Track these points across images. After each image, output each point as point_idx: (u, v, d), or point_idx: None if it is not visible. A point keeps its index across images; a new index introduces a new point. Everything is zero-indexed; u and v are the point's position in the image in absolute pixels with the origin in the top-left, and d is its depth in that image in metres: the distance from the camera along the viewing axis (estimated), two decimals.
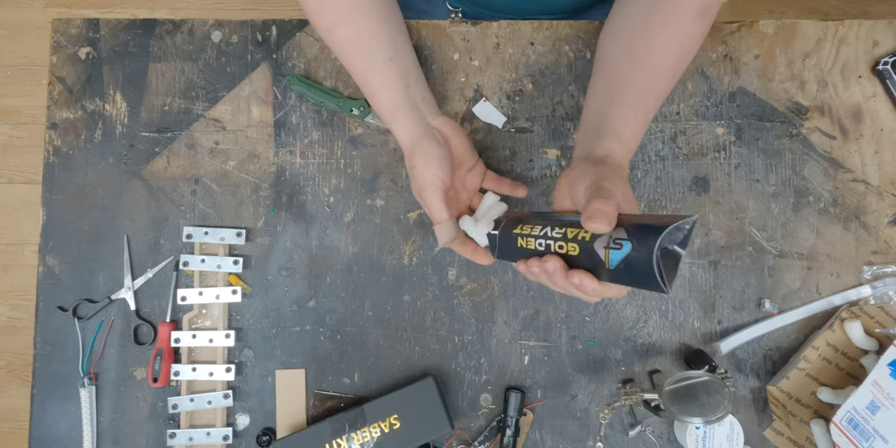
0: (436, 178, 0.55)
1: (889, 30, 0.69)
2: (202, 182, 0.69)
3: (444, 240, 0.56)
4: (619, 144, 0.52)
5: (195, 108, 0.70)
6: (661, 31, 0.54)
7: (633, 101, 0.55)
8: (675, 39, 0.55)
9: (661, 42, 0.54)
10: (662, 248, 0.39)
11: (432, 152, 0.56)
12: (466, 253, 0.59)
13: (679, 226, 0.39)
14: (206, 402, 0.67)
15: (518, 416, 0.65)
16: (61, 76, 0.70)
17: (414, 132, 0.58)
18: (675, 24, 0.54)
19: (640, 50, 0.55)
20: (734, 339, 0.66)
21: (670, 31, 0.54)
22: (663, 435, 0.67)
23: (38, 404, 0.68)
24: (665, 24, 0.54)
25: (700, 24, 0.54)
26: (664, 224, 0.39)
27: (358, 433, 0.63)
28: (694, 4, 0.53)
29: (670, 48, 0.55)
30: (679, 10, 0.54)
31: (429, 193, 0.56)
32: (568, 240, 0.45)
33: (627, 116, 0.54)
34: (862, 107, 0.68)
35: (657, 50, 0.55)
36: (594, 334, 0.68)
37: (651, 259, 0.38)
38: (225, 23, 0.70)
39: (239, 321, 0.69)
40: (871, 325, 0.64)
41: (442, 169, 0.56)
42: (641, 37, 0.55)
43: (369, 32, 0.58)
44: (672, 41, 0.54)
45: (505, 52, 0.70)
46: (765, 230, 0.68)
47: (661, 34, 0.54)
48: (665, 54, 0.55)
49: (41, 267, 0.69)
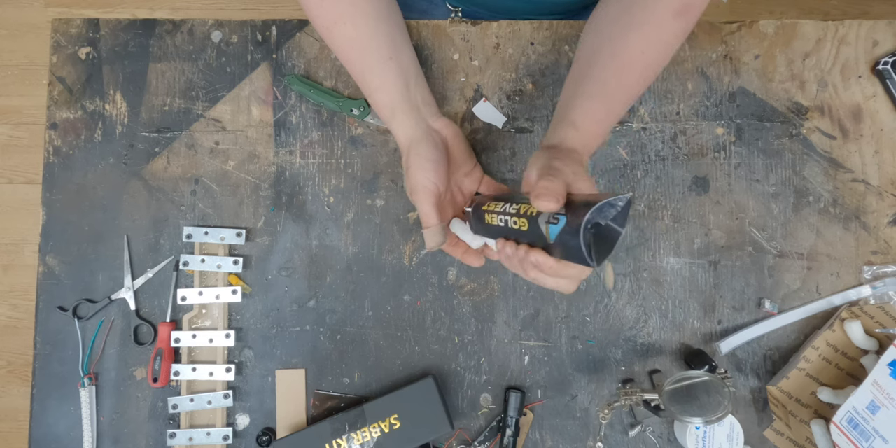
0: (428, 181, 0.55)
1: (889, 30, 0.69)
2: (202, 182, 0.69)
3: (430, 245, 0.56)
4: (575, 132, 0.54)
5: (195, 108, 0.70)
6: (638, 28, 0.55)
7: (598, 90, 0.55)
8: (652, 36, 0.55)
9: (636, 38, 0.55)
10: (594, 222, 0.41)
11: (428, 155, 0.56)
12: (457, 254, 0.59)
13: (612, 201, 0.41)
14: (206, 402, 0.67)
15: (518, 416, 0.65)
16: (61, 76, 0.70)
17: (412, 133, 0.58)
18: (653, 22, 0.55)
19: (616, 45, 0.56)
20: (734, 339, 0.66)
21: (647, 29, 0.55)
22: (663, 435, 0.67)
23: (38, 404, 0.68)
24: (643, 22, 0.55)
25: (678, 23, 0.55)
26: (597, 200, 0.40)
27: (358, 433, 0.63)
28: (672, 4, 0.54)
29: (646, 44, 0.55)
30: (657, 9, 0.54)
31: (420, 197, 0.56)
32: (520, 215, 0.47)
33: (588, 105, 0.55)
34: (862, 107, 0.68)
35: (631, 45, 0.55)
36: (594, 334, 0.68)
37: (579, 232, 0.40)
38: (225, 23, 0.70)
39: (239, 321, 0.68)
40: (871, 325, 0.64)
41: (436, 172, 0.56)
42: (618, 33, 0.56)
43: (369, 32, 0.58)
44: (648, 38, 0.55)
45: (505, 52, 0.70)
46: (765, 230, 0.68)
47: (637, 31, 0.55)
48: (639, 50, 0.55)
49: (41, 267, 0.69)
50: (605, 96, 0.55)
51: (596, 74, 0.56)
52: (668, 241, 0.68)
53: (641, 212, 0.68)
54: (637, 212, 0.68)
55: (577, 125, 0.54)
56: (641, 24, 0.55)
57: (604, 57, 0.56)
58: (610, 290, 0.68)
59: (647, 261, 0.68)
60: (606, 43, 0.56)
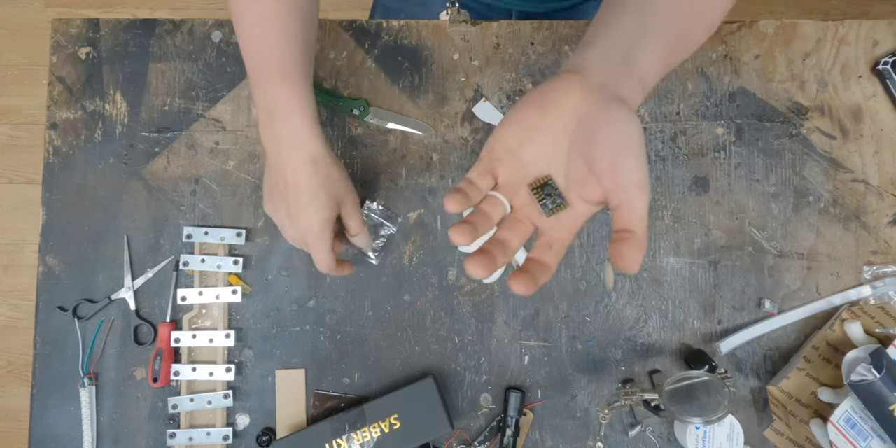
0: (332, 215, 0.54)
1: (889, 30, 0.69)
2: (202, 182, 0.69)
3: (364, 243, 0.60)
4: (641, 92, 0.42)
5: (195, 108, 0.70)
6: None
7: (668, 51, 0.44)
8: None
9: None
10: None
11: (338, 173, 0.55)
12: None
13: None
14: (206, 402, 0.67)
15: (518, 416, 0.65)
16: (61, 76, 0.70)
17: (321, 143, 0.53)
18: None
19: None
20: (734, 339, 0.66)
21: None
22: (663, 435, 0.67)
23: (38, 404, 0.68)
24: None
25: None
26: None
27: (358, 433, 0.63)
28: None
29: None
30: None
31: (321, 236, 0.54)
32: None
33: (655, 64, 0.42)
34: (862, 107, 0.68)
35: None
36: (594, 334, 0.68)
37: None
38: (225, 23, 0.70)
39: (239, 321, 0.69)
40: (871, 325, 0.64)
41: (335, 203, 0.54)
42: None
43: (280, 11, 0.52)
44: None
45: (505, 52, 0.70)
46: (765, 230, 0.68)
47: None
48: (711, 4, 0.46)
49: (41, 267, 0.69)
50: (670, 59, 0.44)
51: (665, 20, 0.44)
52: (668, 241, 0.68)
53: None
54: None
55: (645, 85, 0.42)
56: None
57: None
58: (610, 290, 0.68)
59: (647, 261, 0.68)
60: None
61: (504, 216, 0.41)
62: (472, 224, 0.38)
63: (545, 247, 0.40)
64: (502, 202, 0.41)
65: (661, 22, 0.44)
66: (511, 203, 0.42)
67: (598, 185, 0.37)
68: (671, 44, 0.44)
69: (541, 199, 0.40)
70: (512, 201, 0.42)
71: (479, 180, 0.40)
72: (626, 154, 0.36)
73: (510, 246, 0.39)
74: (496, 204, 0.41)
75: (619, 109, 0.37)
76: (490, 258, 0.37)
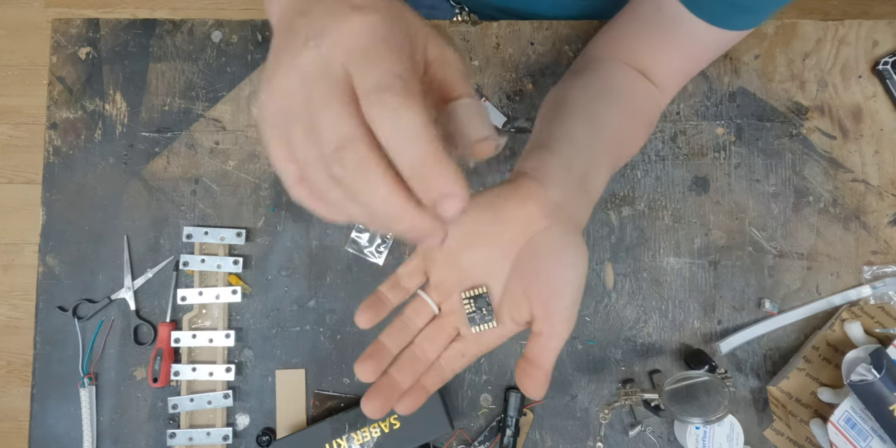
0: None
1: (889, 30, 0.69)
2: (202, 182, 0.69)
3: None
4: (590, 209, 0.43)
5: (195, 108, 0.70)
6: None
7: (615, 163, 0.48)
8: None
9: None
10: None
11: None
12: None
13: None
14: (206, 402, 0.67)
15: (518, 416, 0.65)
16: (61, 76, 0.70)
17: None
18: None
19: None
20: (734, 339, 0.66)
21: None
22: (663, 435, 0.67)
23: (38, 404, 0.68)
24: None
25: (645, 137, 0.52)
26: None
27: (358, 433, 0.63)
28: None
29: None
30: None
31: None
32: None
33: (605, 179, 0.45)
34: (862, 107, 0.68)
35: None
36: (594, 334, 0.68)
37: None
38: (225, 23, 0.70)
39: (239, 321, 0.69)
40: (871, 325, 0.64)
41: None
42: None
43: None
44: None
45: (505, 52, 0.70)
46: (765, 230, 0.68)
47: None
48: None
49: (41, 267, 0.69)
50: (610, 172, 0.47)
51: (608, 137, 0.46)
52: (668, 241, 0.68)
53: (641, 212, 0.68)
54: (637, 212, 0.68)
55: (593, 195, 0.43)
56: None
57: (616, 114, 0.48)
58: (610, 290, 0.68)
59: (647, 261, 0.68)
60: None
61: (430, 320, 0.40)
62: (376, 360, 0.37)
63: (458, 355, 0.39)
64: (430, 307, 0.40)
65: (609, 133, 0.45)
66: (439, 305, 0.40)
67: (528, 309, 0.37)
68: (618, 156, 0.46)
69: (470, 311, 0.38)
70: (441, 305, 0.40)
71: (408, 279, 0.40)
72: (566, 291, 0.36)
73: (407, 383, 0.38)
74: (423, 310, 0.40)
75: (571, 243, 0.37)
76: (385, 400, 0.36)
